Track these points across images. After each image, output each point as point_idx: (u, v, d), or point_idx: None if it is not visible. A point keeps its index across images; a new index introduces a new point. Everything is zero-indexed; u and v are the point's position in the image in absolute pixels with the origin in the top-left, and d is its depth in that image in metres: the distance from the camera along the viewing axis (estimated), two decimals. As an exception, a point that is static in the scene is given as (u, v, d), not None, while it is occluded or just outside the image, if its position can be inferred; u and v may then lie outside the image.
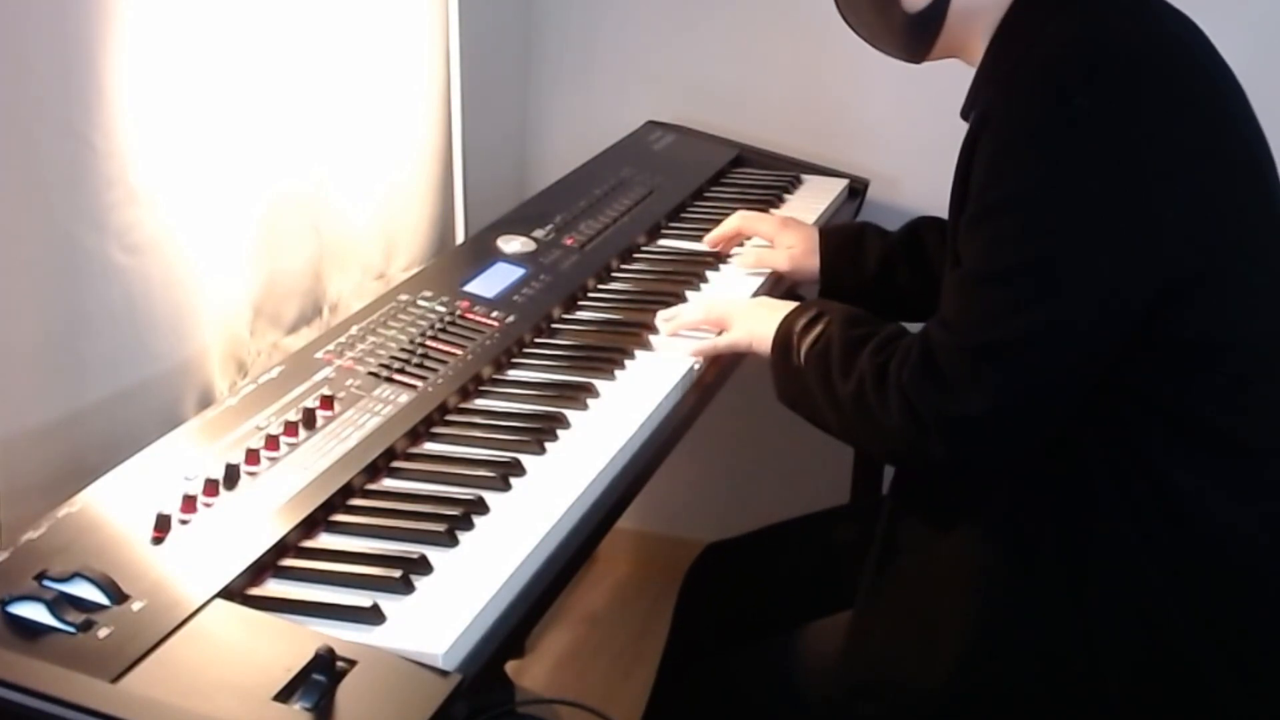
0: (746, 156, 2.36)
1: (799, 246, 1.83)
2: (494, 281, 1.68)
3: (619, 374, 1.53)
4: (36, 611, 1.02)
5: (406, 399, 1.39)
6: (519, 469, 1.31)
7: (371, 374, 1.42)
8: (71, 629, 1.01)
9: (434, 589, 1.12)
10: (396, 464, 1.32)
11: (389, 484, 1.29)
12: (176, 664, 1.00)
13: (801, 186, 2.26)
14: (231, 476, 1.21)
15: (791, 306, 1.51)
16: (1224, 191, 1.28)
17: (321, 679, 0.98)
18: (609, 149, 2.27)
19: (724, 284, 1.82)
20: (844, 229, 1.89)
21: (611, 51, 2.52)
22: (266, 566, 1.14)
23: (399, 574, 1.12)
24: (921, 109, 2.04)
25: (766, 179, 2.26)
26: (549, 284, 1.71)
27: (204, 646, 1.02)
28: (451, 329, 1.55)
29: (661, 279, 1.82)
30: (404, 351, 1.47)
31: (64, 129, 1.36)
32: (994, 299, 1.26)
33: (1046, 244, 1.24)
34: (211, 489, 1.19)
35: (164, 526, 1.14)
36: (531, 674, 2.37)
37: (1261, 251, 1.33)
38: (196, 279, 1.55)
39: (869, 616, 1.43)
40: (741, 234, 1.91)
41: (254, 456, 1.24)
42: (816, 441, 1.41)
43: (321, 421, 1.33)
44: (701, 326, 1.61)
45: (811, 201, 2.18)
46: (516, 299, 1.65)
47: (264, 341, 1.71)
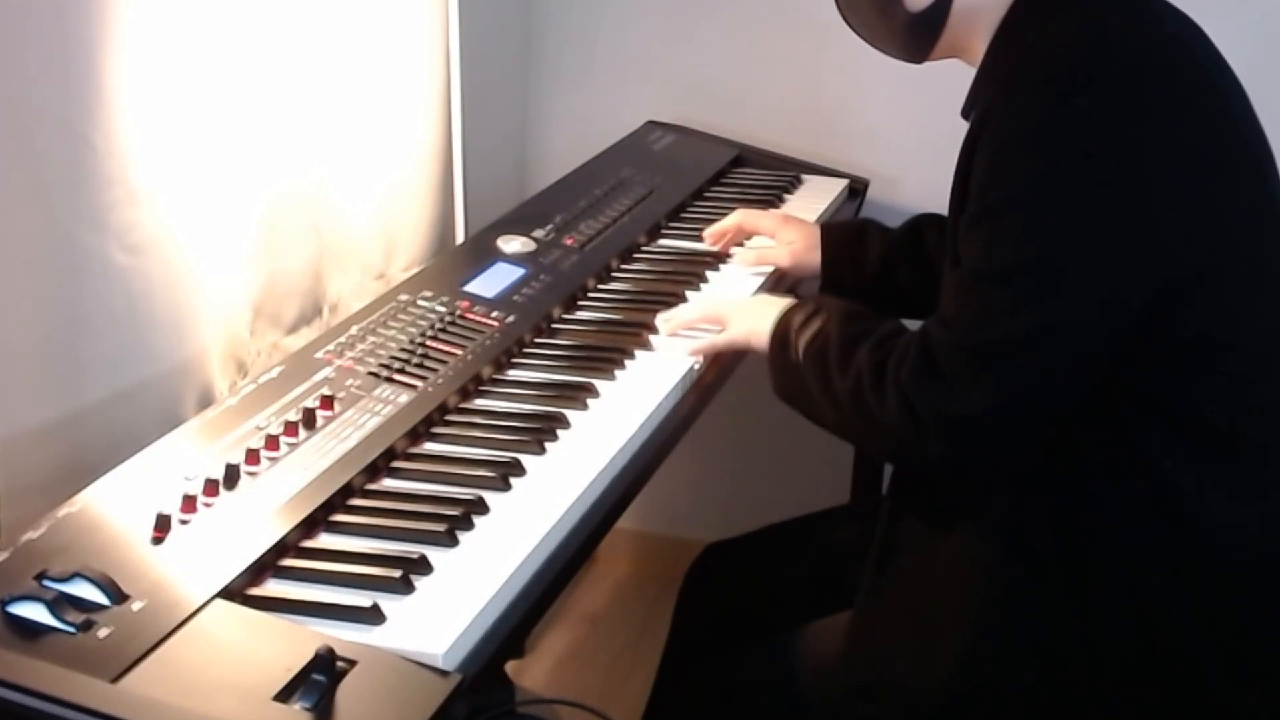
0: (746, 156, 2.35)
1: (800, 243, 1.83)
2: (494, 281, 1.68)
3: (619, 374, 1.53)
4: (36, 611, 1.02)
5: (406, 399, 1.39)
6: (519, 469, 1.31)
7: (371, 374, 1.42)
8: (71, 629, 1.01)
9: (434, 589, 1.12)
10: (396, 464, 1.32)
11: (389, 484, 1.29)
12: (176, 664, 1.00)
13: (801, 186, 2.26)
14: (231, 476, 1.21)
15: (790, 302, 1.51)
16: (1224, 191, 1.28)
17: (321, 679, 0.98)
18: (609, 149, 2.27)
19: (725, 283, 1.82)
20: (845, 225, 1.89)
21: (611, 51, 2.52)
22: (266, 566, 1.14)
23: (399, 574, 1.12)
24: (921, 109, 2.04)
25: (766, 179, 2.26)
26: (549, 284, 1.71)
27: (204, 646, 1.02)
28: (451, 329, 1.55)
29: (661, 279, 1.82)
30: (404, 351, 1.47)
31: (64, 129, 1.36)
32: (994, 298, 1.26)
33: (1047, 244, 1.24)
34: (211, 489, 1.19)
35: (164, 526, 1.14)
36: (531, 674, 2.37)
37: (1261, 251, 1.33)
38: (196, 279, 1.55)
39: (869, 617, 1.43)
40: (742, 230, 1.91)
41: (254, 456, 1.24)
42: (816, 441, 1.41)
43: (321, 421, 1.33)
44: (700, 325, 1.61)
45: (811, 201, 2.18)
46: (516, 299, 1.65)
47: (264, 341, 1.71)
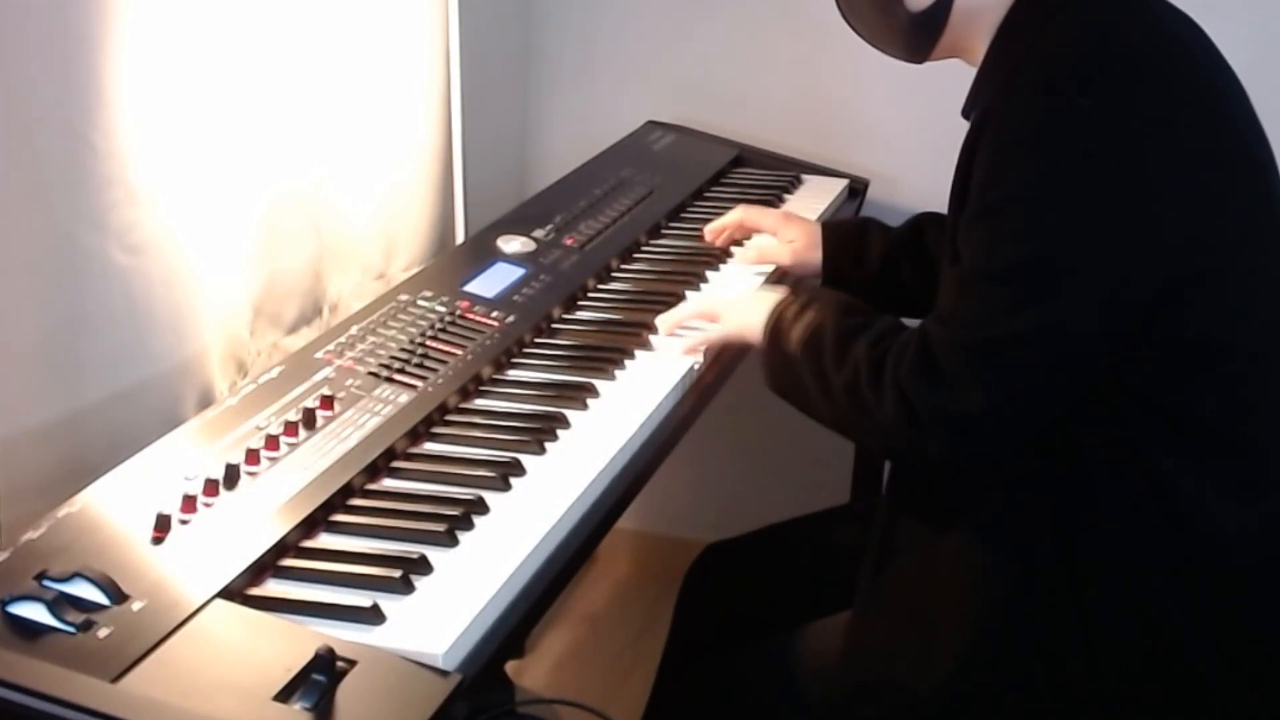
0: (746, 156, 2.35)
1: (801, 241, 1.83)
2: (494, 281, 1.68)
3: (619, 374, 1.53)
4: (36, 611, 1.02)
5: (406, 399, 1.39)
6: (519, 469, 1.31)
7: (371, 374, 1.42)
8: (71, 629, 1.01)
9: (434, 589, 1.12)
10: (396, 464, 1.32)
11: (389, 484, 1.29)
12: (176, 664, 1.00)
13: (801, 186, 2.26)
14: (231, 476, 1.21)
15: (782, 296, 1.50)
16: (1224, 191, 1.28)
17: (321, 679, 0.98)
18: (609, 149, 2.27)
19: (726, 282, 1.82)
20: (847, 224, 1.89)
21: (611, 51, 2.52)
22: (266, 566, 1.14)
23: (399, 574, 1.12)
24: (921, 109, 2.04)
25: (766, 179, 2.26)
26: (549, 284, 1.71)
27: (204, 646, 1.02)
28: (451, 329, 1.55)
29: (661, 279, 1.82)
30: (404, 351, 1.47)
31: (64, 129, 1.36)
32: (993, 297, 1.26)
33: (1047, 243, 1.24)
34: (211, 489, 1.19)
35: (164, 526, 1.14)
36: (531, 674, 2.37)
37: (1261, 251, 1.33)
38: (196, 279, 1.55)
39: (868, 618, 1.42)
40: (743, 227, 1.91)
41: (254, 456, 1.24)
42: (816, 441, 1.41)
43: (321, 421, 1.33)
44: (694, 322, 1.60)
45: (811, 201, 2.18)
46: (516, 299, 1.65)
47: (264, 341, 1.71)
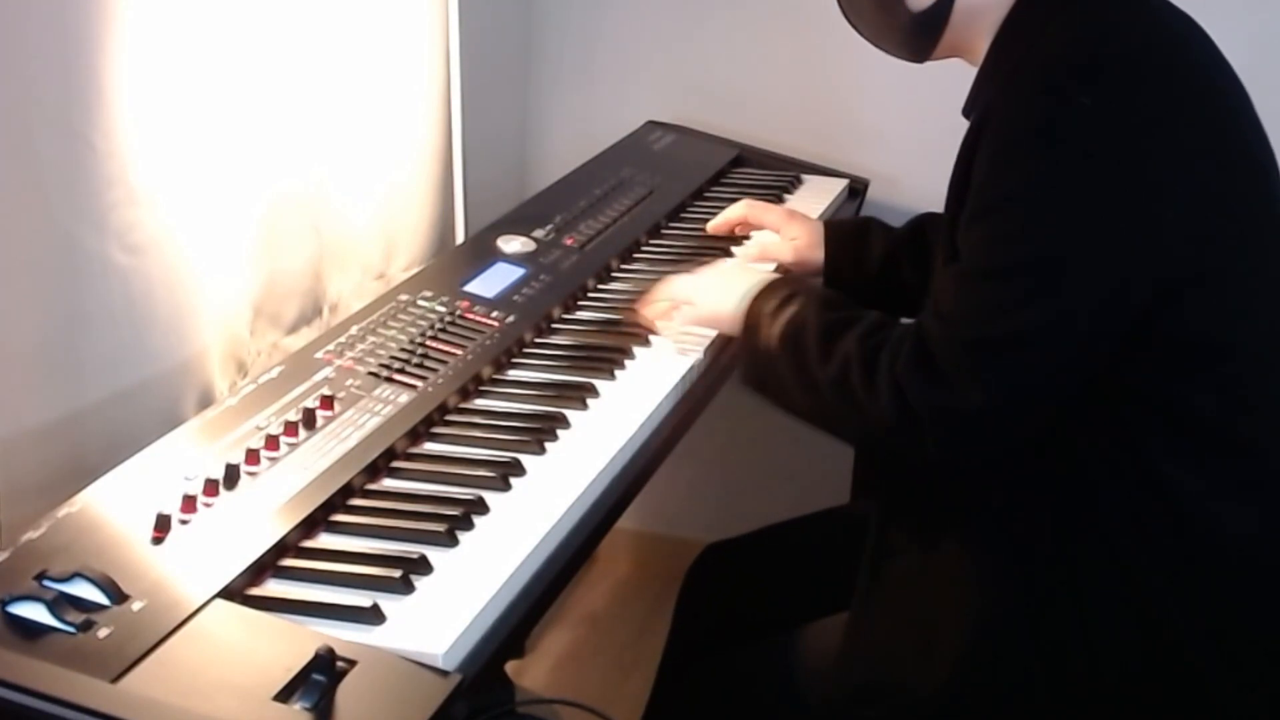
0: (746, 156, 2.35)
1: (804, 239, 1.83)
2: (494, 281, 1.68)
3: (619, 374, 1.53)
4: (36, 611, 1.02)
5: (406, 399, 1.39)
6: (519, 469, 1.31)
7: (371, 374, 1.42)
8: (71, 629, 1.01)
9: (434, 589, 1.12)
10: (396, 464, 1.32)
11: (389, 484, 1.29)
12: (176, 664, 1.00)
13: (801, 186, 2.26)
14: (231, 476, 1.21)
15: (757, 283, 1.48)
16: (1224, 191, 1.28)
17: (321, 679, 0.98)
18: (609, 149, 2.27)
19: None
20: (849, 223, 1.89)
21: (611, 51, 2.52)
22: (266, 566, 1.14)
23: (399, 574, 1.12)
24: (921, 109, 2.04)
25: (766, 179, 2.26)
26: (549, 284, 1.71)
27: (204, 646, 1.02)
28: (451, 329, 1.55)
29: (661, 279, 1.81)
30: (404, 351, 1.47)
31: (64, 129, 1.36)
32: (993, 295, 1.25)
33: (1046, 242, 1.24)
34: (211, 489, 1.19)
35: (164, 526, 1.14)
36: (531, 674, 2.37)
37: (1261, 251, 1.33)
38: (196, 279, 1.55)
39: (866, 618, 1.42)
40: (747, 222, 1.90)
41: (254, 456, 1.24)
42: (816, 441, 1.40)
43: (321, 421, 1.33)
44: (666, 306, 1.59)
45: (811, 202, 2.18)
46: (516, 299, 1.65)
47: (264, 341, 1.71)
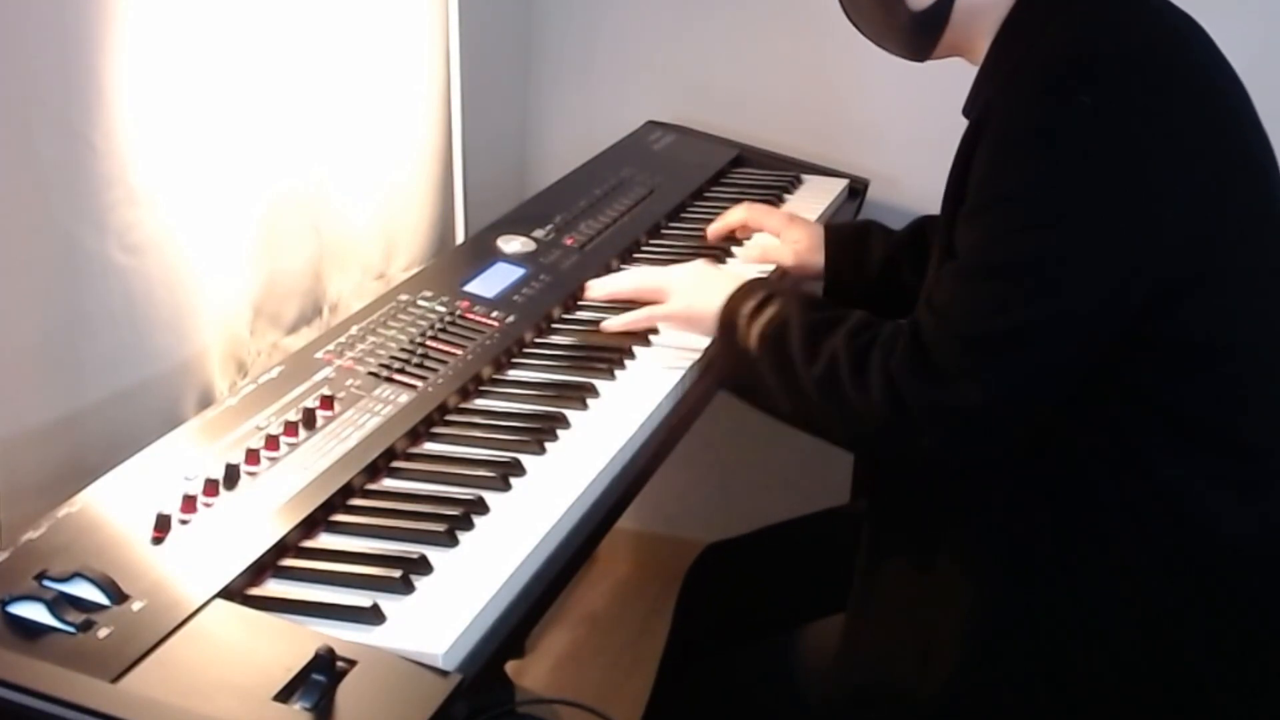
0: (746, 156, 2.35)
1: (804, 242, 1.83)
2: (494, 281, 1.68)
3: (619, 374, 1.53)
4: (36, 611, 1.02)
5: (406, 399, 1.39)
6: (519, 469, 1.31)
7: (371, 374, 1.42)
8: (71, 629, 1.01)
9: (434, 589, 1.12)
10: (396, 464, 1.32)
11: (389, 484, 1.29)
12: (176, 664, 1.00)
13: (801, 186, 2.26)
14: (231, 476, 1.21)
15: (732, 285, 1.48)
16: (1224, 191, 1.28)
17: (321, 679, 0.98)
18: (609, 149, 2.27)
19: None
20: (849, 227, 1.89)
21: (611, 51, 2.52)
22: (266, 566, 1.14)
23: (399, 574, 1.12)
24: (922, 109, 2.04)
25: (766, 179, 2.26)
26: (549, 284, 1.71)
27: (204, 646, 1.02)
28: (451, 329, 1.54)
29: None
30: (404, 351, 1.47)
31: (64, 129, 1.35)
32: (991, 292, 1.25)
33: (1046, 240, 1.24)
34: (211, 489, 1.19)
35: (164, 526, 1.13)
36: (531, 674, 2.37)
37: (1261, 251, 1.33)
38: (196, 279, 1.55)
39: (865, 619, 1.42)
40: (747, 225, 1.90)
41: (254, 456, 1.24)
42: (816, 442, 1.40)
43: (321, 421, 1.33)
44: (630, 298, 1.58)
45: (811, 201, 2.18)
46: (516, 299, 1.65)
47: (264, 341, 1.71)
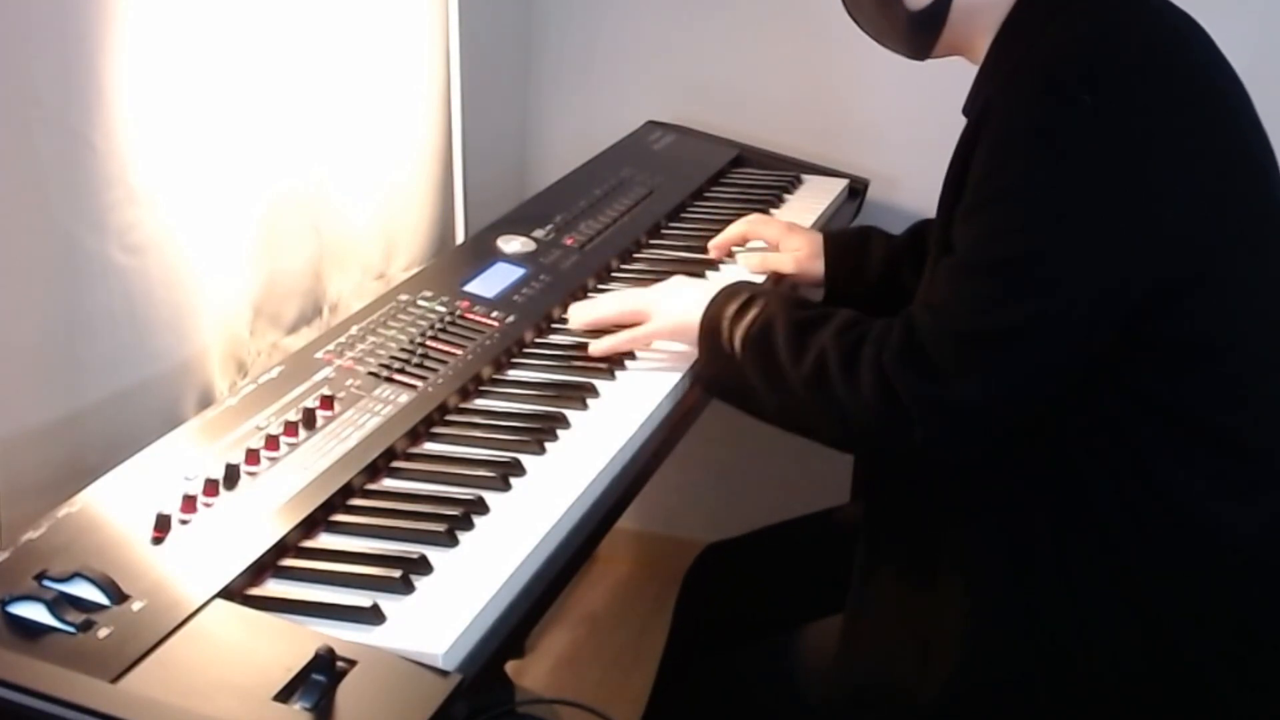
0: (746, 156, 2.35)
1: (804, 250, 1.83)
2: (494, 281, 1.68)
3: (619, 374, 1.53)
4: (36, 611, 1.02)
5: (406, 399, 1.39)
6: (519, 469, 1.31)
7: (371, 374, 1.42)
8: (71, 629, 1.01)
9: (434, 589, 1.12)
10: (396, 464, 1.32)
11: (389, 484, 1.29)
12: (176, 664, 1.00)
13: (801, 186, 2.26)
14: (231, 476, 1.21)
15: (715, 291, 1.49)
16: (1224, 191, 1.28)
17: (321, 679, 0.98)
18: (609, 149, 2.27)
19: (724, 281, 1.81)
20: (848, 233, 1.88)
21: (611, 51, 2.52)
22: (266, 566, 1.14)
23: (399, 574, 1.12)
24: (922, 109, 2.04)
25: (766, 179, 2.26)
26: (549, 284, 1.71)
27: (204, 646, 1.02)
28: (451, 329, 1.55)
29: (661, 279, 1.81)
30: (404, 351, 1.47)
31: (64, 129, 1.35)
32: (988, 288, 1.25)
33: (1044, 238, 1.24)
34: (211, 489, 1.19)
35: (164, 526, 1.14)
36: (531, 674, 2.37)
37: (1261, 251, 1.33)
38: (196, 279, 1.55)
39: (865, 619, 1.42)
40: (748, 239, 1.90)
41: (254, 456, 1.24)
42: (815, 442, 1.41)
43: (321, 421, 1.33)
44: (613, 322, 1.57)
45: (811, 201, 2.18)
46: (516, 299, 1.65)
47: (264, 341, 1.71)
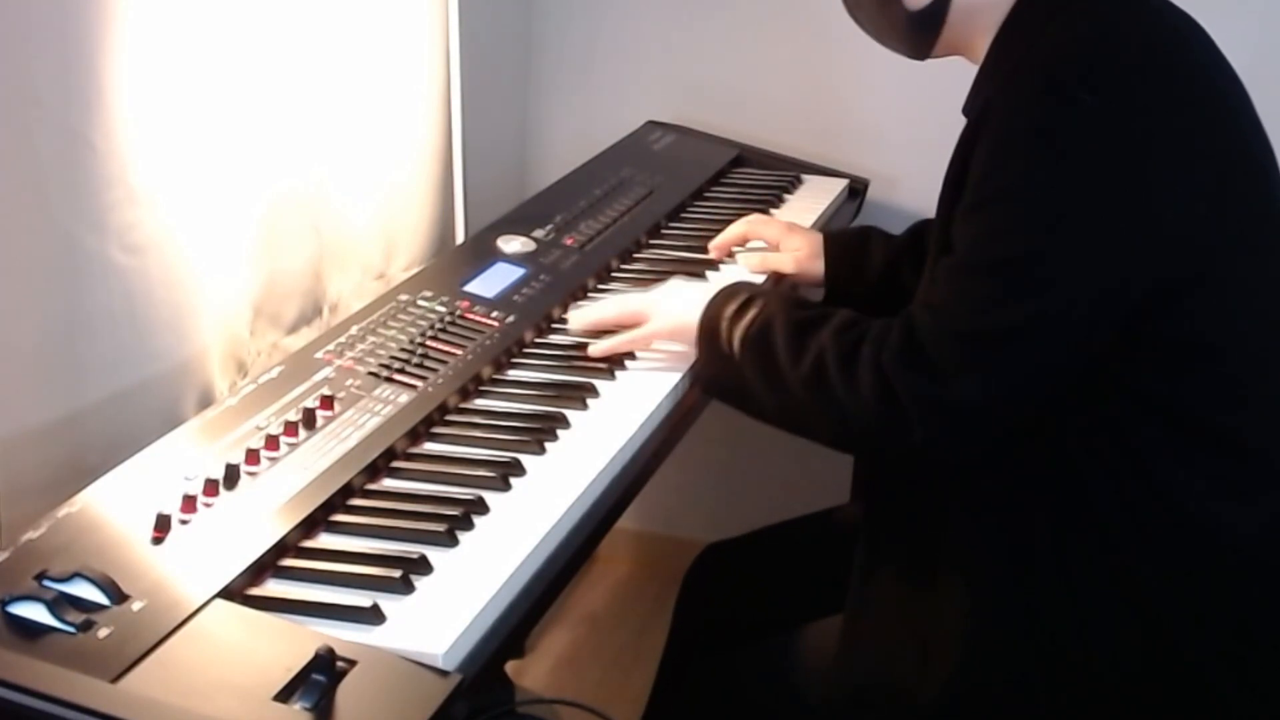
0: (746, 156, 2.35)
1: (804, 250, 1.83)
2: (494, 281, 1.68)
3: (619, 374, 1.53)
4: (36, 611, 1.02)
5: (406, 399, 1.39)
6: (519, 469, 1.31)
7: (371, 374, 1.42)
8: (71, 629, 1.01)
9: (434, 589, 1.12)
10: (396, 464, 1.32)
11: (389, 484, 1.29)
12: (176, 664, 1.00)
13: (801, 186, 2.26)
14: (231, 476, 1.21)
15: (714, 292, 1.49)
16: (1224, 191, 1.28)
17: (321, 679, 0.98)
18: (609, 149, 2.27)
19: (724, 281, 1.81)
20: (848, 233, 1.88)
21: (611, 51, 2.52)
22: (266, 566, 1.14)
23: (399, 574, 1.12)
24: (922, 109, 2.04)
25: (766, 179, 2.26)
26: (549, 284, 1.71)
27: (204, 646, 1.02)
28: (451, 329, 1.55)
29: (661, 279, 1.81)
30: (404, 351, 1.47)
31: (64, 129, 1.35)
32: (988, 288, 1.25)
33: (1044, 238, 1.24)
34: (211, 489, 1.19)
35: (164, 526, 1.14)
36: (531, 674, 2.37)
37: (1261, 251, 1.33)
38: (196, 279, 1.55)
39: (865, 620, 1.42)
40: (748, 239, 1.90)
41: (254, 456, 1.24)
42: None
43: (321, 421, 1.33)
44: (613, 325, 1.57)
45: (811, 201, 2.18)
46: (516, 299, 1.65)
47: (264, 341, 1.71)
